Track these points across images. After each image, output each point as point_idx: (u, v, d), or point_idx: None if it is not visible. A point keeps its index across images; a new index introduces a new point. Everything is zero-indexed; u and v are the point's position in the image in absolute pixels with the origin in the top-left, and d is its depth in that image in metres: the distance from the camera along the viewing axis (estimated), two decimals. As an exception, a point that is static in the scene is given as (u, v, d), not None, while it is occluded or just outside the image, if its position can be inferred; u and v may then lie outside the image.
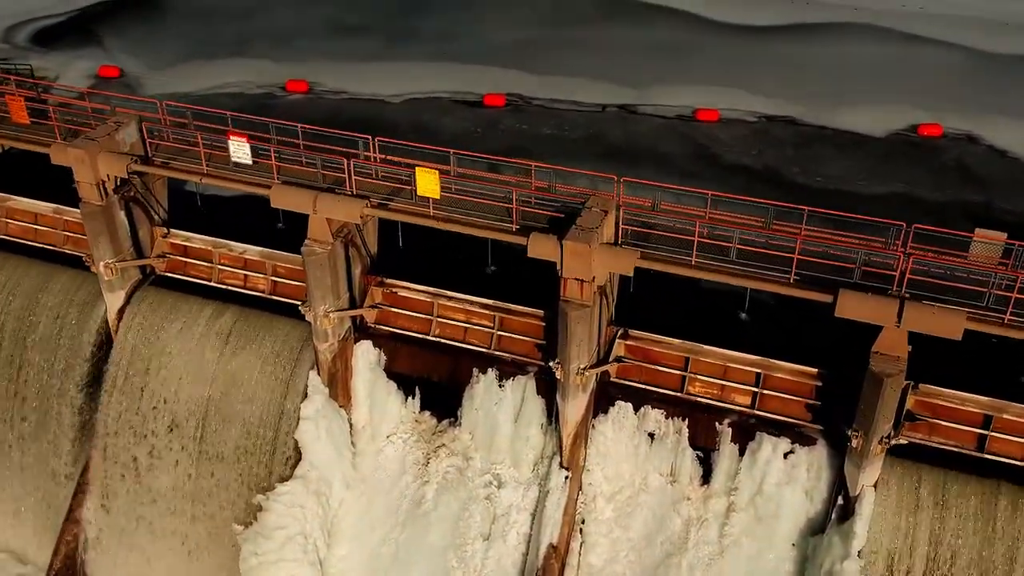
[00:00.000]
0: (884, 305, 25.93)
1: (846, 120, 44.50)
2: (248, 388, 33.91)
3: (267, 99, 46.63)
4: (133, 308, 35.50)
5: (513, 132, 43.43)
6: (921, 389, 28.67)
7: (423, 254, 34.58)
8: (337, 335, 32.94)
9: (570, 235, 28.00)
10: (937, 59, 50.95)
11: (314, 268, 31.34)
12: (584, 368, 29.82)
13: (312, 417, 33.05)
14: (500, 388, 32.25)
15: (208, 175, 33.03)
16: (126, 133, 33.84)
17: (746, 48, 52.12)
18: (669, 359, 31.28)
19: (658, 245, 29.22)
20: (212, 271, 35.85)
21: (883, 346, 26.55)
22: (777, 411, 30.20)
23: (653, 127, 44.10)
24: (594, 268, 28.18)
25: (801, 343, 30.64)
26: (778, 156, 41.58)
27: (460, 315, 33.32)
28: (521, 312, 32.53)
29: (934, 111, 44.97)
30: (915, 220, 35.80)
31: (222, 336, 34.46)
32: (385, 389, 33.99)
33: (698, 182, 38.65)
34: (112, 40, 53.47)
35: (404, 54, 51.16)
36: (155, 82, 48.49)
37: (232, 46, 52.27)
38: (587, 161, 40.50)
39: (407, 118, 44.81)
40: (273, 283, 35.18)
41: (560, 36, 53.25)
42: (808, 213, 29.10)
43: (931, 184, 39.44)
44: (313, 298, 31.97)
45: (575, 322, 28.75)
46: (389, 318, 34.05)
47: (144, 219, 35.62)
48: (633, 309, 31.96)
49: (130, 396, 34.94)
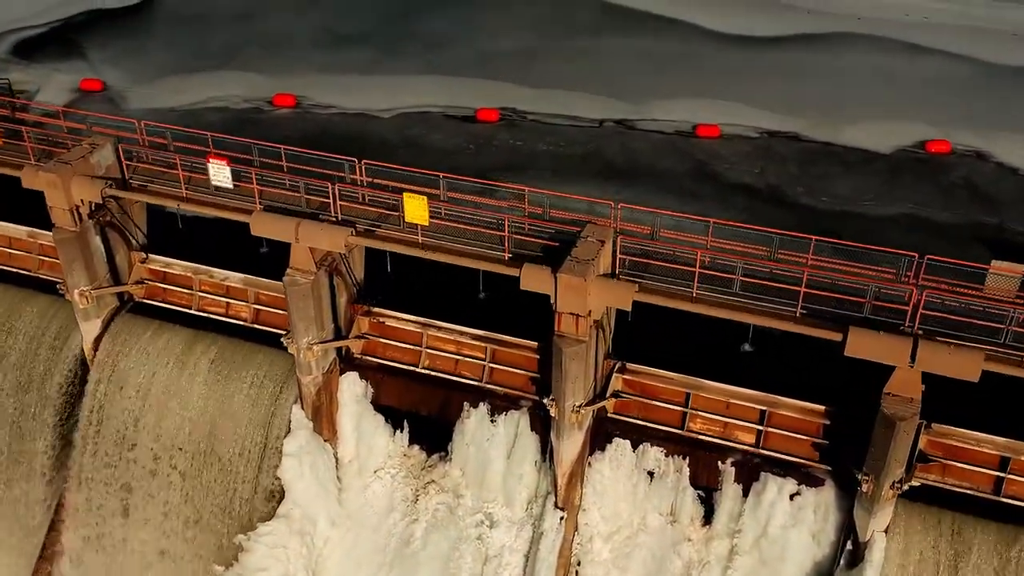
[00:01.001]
0: (896, 344, 24.52)
1: (851, 136, 42.93)
2: (229, 422, 32.50)
3: (253, 114, 45.04)
4: (110, 337, 34.08)
5: (507, 149, 41.88)
6: (935, 429, 27.28)
7: (412, 279, 33.12)
8: (321, 367, 31.50)
9: (565, 267, 26.57)
10: (943, 71, 49.37)
11: (296, 299, 29.90)
12: (580, 406, 28.40)
13: (295, 454, 31.63)
14: (492, 423, 30.87)
15: (187, 200, 31.62)
16: (101, 155, 32.41)
17: (747, 59, 50.53)
18: (669, 394, 29.88)
19: (658, 276, 27.83)
20: (192, 298, 34.43)
21: (895, 387, 25.13)
22: (783, 450, 28.83)
23: (652, 143, 42.52)
24: (590, 302, 26.77)
25: (808, 377, 29.24)
26: (781, 174, 40.02)
27: (451, 346, 31.91)
28: (514, 344, 31.13)
29: (941, 126, 43.43)
30: (925, 242, 34.88)
31: (202, 368, 33.03)
32: (372, 422, 32.59)
33: (698, 202, 37.39)
34: (95, 52, 51.77)
35: (396, 66, 49.56)
36: (138, 96, 46.83)
37: (219, 57, 50.59)
38: (584, 180, 39.02)
39: (397, 134, 43.24)
40: (255, 311, 33.77)
41: (556, 46, 51.63)
42: (816, 243, 27.81)
43: (940, 204, 37.95)
44: (296, 330, 30.53)
45: (570, 359, 27.33)
46: (376, 349, 32.63)
47: (121, 244, 34.17)
48: (631, 340, 30.54)
49: (106, 430, 33.50)
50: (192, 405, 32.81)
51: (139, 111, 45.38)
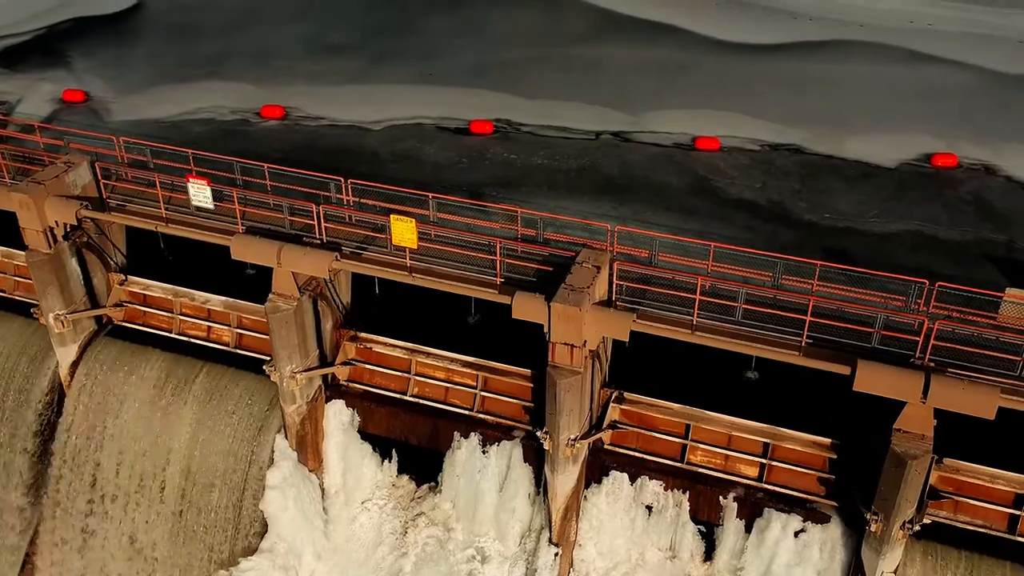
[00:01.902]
0: (908, 379, 23.29)
1: (854, 149, 41.63)
2: (210, 452, 31.25)
3: (240, 126, 43.66)
4: (87, 362, 32.83)
5: (501, 163, 40.54)
6: (946, 464, 26.06)
7: (401, 302, 31.94)
8: (306, 396, 30.25)
9: (559, 296, 25.33)
10: (949, 80, 48.09)
11: (279, 326, 28.65)
12: (575, 439, 27.16)
13: (279, 486, 30.39)
14: (484, 454, 29.65)
15: (166, 221, 30.37)
16: (77, 174, 31.18)
17: (747, 68, 49.26)
18: (668, 425, 28.64)
19: (656, 303, 26.62)
20: (173, 321, 33.15)
21: (906, 423, 23.91)
22: (787, 485, 27.60)
23: (649, 156, 41.19)
24: (586, 332, 25.53)
25: (815, 406, 28.01)
26: (783, 189, 38.72)
27: (440, 373, 30.66)
28: (506, 371, 29.89)
29: (948, 138, 42.17)
30: (932, 262, 33.75)
31: (182, 394, 31.77)
32: (359, 452, 31.39)
33: (698, 219, 36.12)
34: (80, 60, 50.43)
35: (387, 75, 48.28)
36: (122, 107, 45.44)
37: (206, 67, 49.27)
38: (580, 195, 37.72)
39: (388, 147, 41.87)
40: (238, 335, 32.51)
41: (551, 55, 50.34)
42: (821, 268, 26.64)
43: (948, 221, 36.66)
44: (278, 358, 29.27)
45: (565, 391, 26.09)
46: (363, 375, 31.37)
47: (99, 265, 32.91)
48: (629, 367, 29.32)
49: (83, 459, 32.23)
50: (172, 433, 31.57)
51: (123, 122, 44.06)
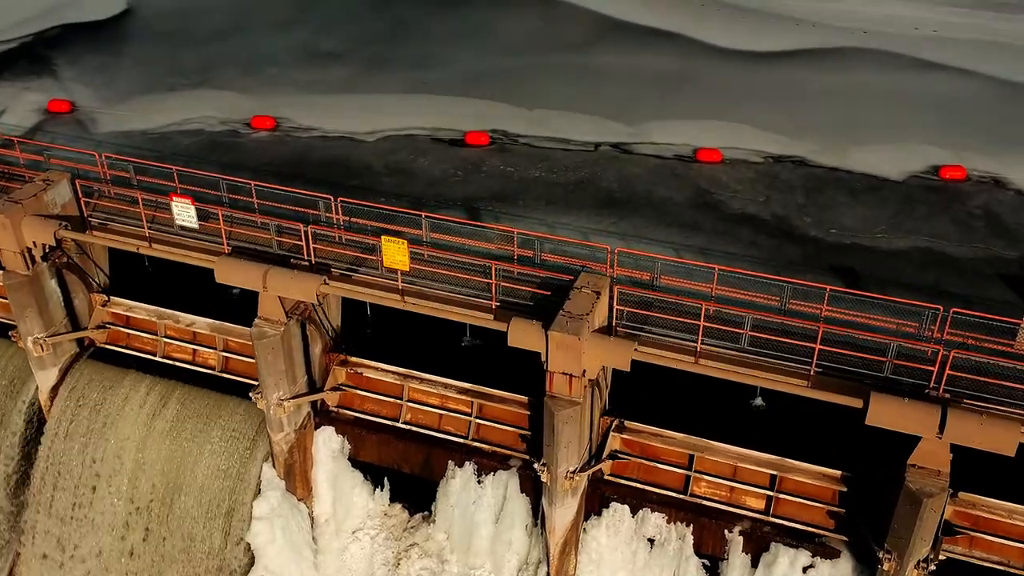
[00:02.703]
0: (923, 413, 22.18)
1: (860, 160, 40.52)
2: (195, 480, 30.11)
3: (230, 137, 42.49)
4: (68, 385, 31.69)
5: (497, 175, 39.41)
6: (961, 498, 24.94)
7: (393, 324, 30.85)
8: (294, 423, 29.11)
9: (557, 324, 24.19)
10: (955, 89, 46.99)
11: (265, 352, 27.50)
12: (574, 471, 26.03)
13: (266, 516, 29.26)
14: (479, 484, 28.53)
15: (149, 241, 29.24)
16: (56, 192, 30.04)
17: (749, 77, 48.14)
18: (671, 455, 27.51)
19: (659, 328, 25.51)
20: (157, 344, 31.99)
21: (921, 458, 22.80)
22: (795, 518, 26.50)
23: (650, 169, 40.08)
24: (585, 361, 24.39)
25: (824, 436, 26.88)
26: (787, 203, 37.61)
27: (434, 399, 29.53)
28: (503, 398, 28.76)
29: (955, 150, 41.06)
30: (941, 280, 32.68)
31: (166, 420, 30.64)
32: (350, 480, 30.25)
33: (700, 235, 35.04)
34: (66, 69, 49.27)
35: (380, 84, 47.14)
36: (109, 117, 44.29)
37: (196, 75, 48.12)
38: (578, 210, 36.63)
39: (382, 159, 40.73)
40: (224, 359, 31.36)
41: (549, 63, 49.20)
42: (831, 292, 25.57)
43: (957, 237, 35.57)
44: (265, 385, 28.13)
45: (563, 422, 24.96)
46: (354, 401, 30.23)
47: (80, 286, 31.77)
48: (629, 394, 28.20)
49: (62, 488, 31.08)
50: (155, 461, 30.42)
51: (109, 134, 42.92)
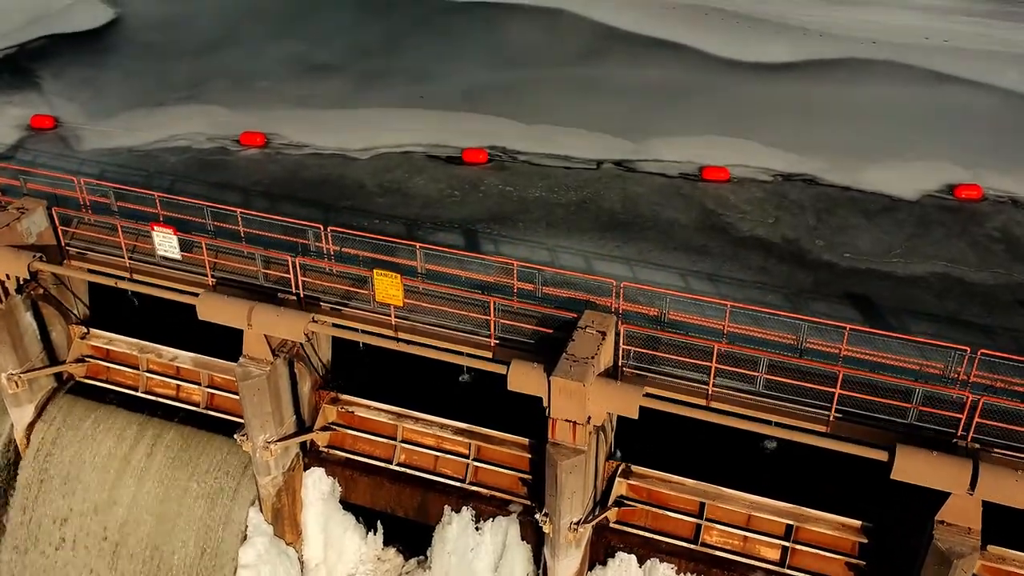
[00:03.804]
0: (953, 468, 20.67)
1: (872, 179, 39.05)
2: (178, 525, 28.60)
3: (219, 155, 40.98)
4: (45, 423, 30.18)
5: (496, 195, 37.91)
6: (989, 551, 23.39)
7: (386, 358, 29.16)
8: (281, 466, 27.60)
9: (560, 369, 22.67)
10: (969, 102, 45.54)
11: (250, 393, 25.98)
12: (578, 522, 24.52)
13: (253, 564, 27.80)
14: (477, 530, 27.03)
15: (129, 271, 27.77)
16: (31, 221, 28.53)
17: (756, 89, 46.64)
18: (680, 502, 26.01)
19: (668, 368, 24.05)
20: (139, 378, 30.47)
21: (951, 514, 21.31)
22: (812, 570, 25.03)
23: (655, 188, 38.58)
24: (590, 408, 22.88)
25: (843, 481, 25.39)
26: (798, 225, 36.15)
27: (429, 440, 28.02)
28: (502, 440, 27.25)
29: (971, 167, 39.63)
30: (961, 309, 31.23)
31: (148, 460, 29.13)
32: (341, 523, 28.77)
33: (708, 260, 33.59)
34: (50, 82, 47.73)
35: (375, 98, 45.61)
36: (93, 134, 42.74)
37: (184, 89, 46.60)
38: (581, 233, 35.17)
39: (376, 178, 39.23)
40: (209, 395, 29.85)
41: (549, 76, 47.69)
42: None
43: (976, 261, 34.12)
44: (251, 427, 26.63)
45: (567, 472, 23.44)
46: (345, 441, 28.72)
47: (57, 318, 30.23)
48: (636, 434, 26.67)
49: (38, 530, 29.56)
50: (136, 503, 28.91)
51: (93, 151, 41.38)
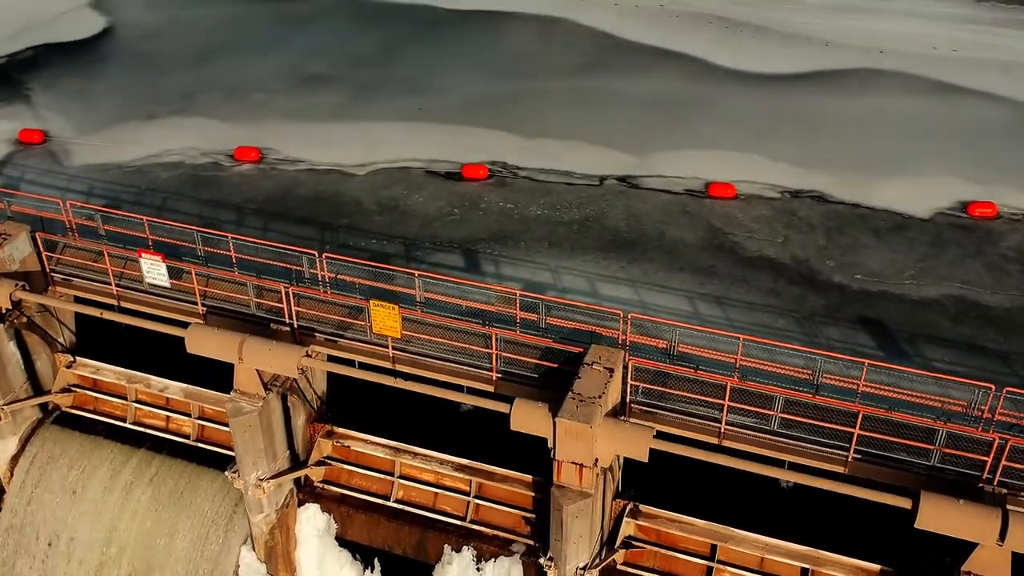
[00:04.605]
0: (982, 518, 19.62)
1: (883, 196, 38.04)
2: (167, 564, 27.49)
3: (211, 171, 39.90)
4: (29, 455, 29.10)
5: (496, 213, 36.88)
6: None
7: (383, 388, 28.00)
8: (275, 503, 26.53)
9: (566, 409, 21.60)
10: (980, 115, 44.53)
11: (242, 430, 24.90)
12: (585, 567, 23.45)
13: (244, 606, 26.71)
14: (478, 571, 26.00)
15: (117, 298, 26.70)
16: (14, 247, 27.45)
17: (761, 101, 45.58)
18: (691, 544, 24.91)
19: (678, 405, 23.01)
20: (127, 409, 29.37)
21: (978, 566, 20.26)
22: (829, 616, 23.98)
23: (659, 205, 37.57)
24: (597, 450, 21.81)
25: (861, 522, 24.34)
26: (808, 245, 35.14)
27: (428, 476, 26.92)
28: (504, 476, 26.15)
29: (983, 183, 38.62)
30: (978, 334, 30.21)
31: (137, 495, 28.05)
32: (337, 560, 27.67)
33: (716, 281, 32.60)
34: (40, 94, 46.61)
35: (372, 111, 44.55)
36: (83, 149, 41.62)
37: (177, 101, 45.51)
38: (584, 253, 34.18)
39: (373, 195, 38.19)
40: (200, 427, 28.74)
41: (550, 88, 46.64)
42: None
43: (991, 283, 33.12)
44: (242, 464, 25.54)
45: (572, 516, 22.37)
46: (341, 475, 27.62)
47: (42, 346, 29.14)
48: (645, 474, 25.56)
49: (23, 567, 28.45)
50: (124, 541, 27.81)
51: (83, 167, 40.31)
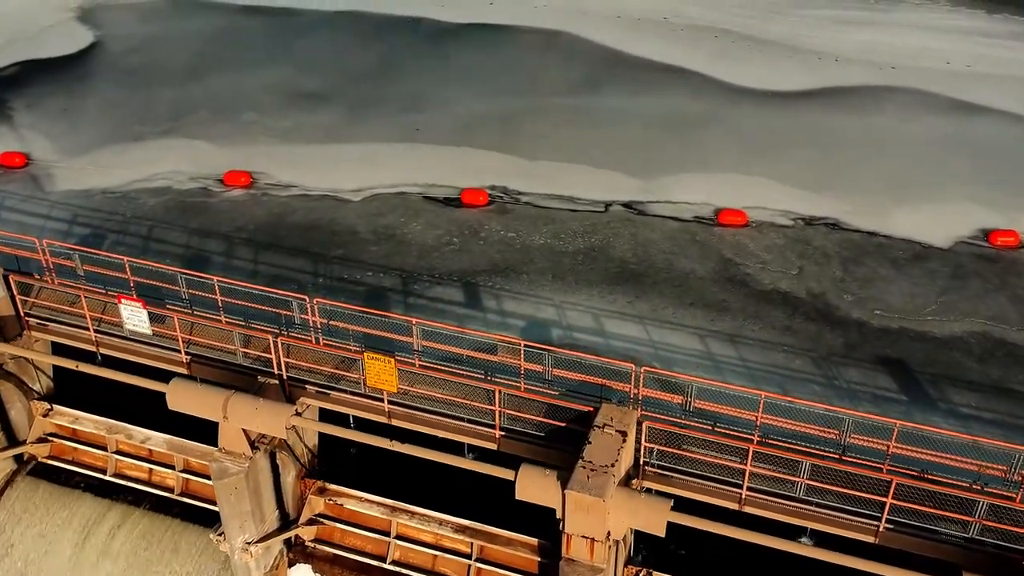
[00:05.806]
0: (1030, 604, 18.09)
1: (900, 223, 36.53)
2: (149, 628, 25.89)
3: (200, 196, 38.30)
4: (4, 508, 27.40)
5: (497, 242, 35.33)
6: None
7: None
8: (263, 566, 24.89)
9: (576, 480, 19.95)
10: (997, 135, 42.97)
11: (227, 492, 23.23)
12: (595, 645, 21.84)
13: (231, 676, 25.07)
14: (481, 640, 24.35)
15: (96, 346, 25.07)
16: (-15, 292, 25.81)
17: (771, 121, 43.98)
18: (707, 615, 23.39)
19: (695, 468, 21.44)
20: (108, 460, 27.71)
21: (1024, 654, 18.71)
22: None
23: (668, 234, 36.01)
24: (609, 523, 20.20)
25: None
26: (823, 277, 33.61)
27: (427, 536, 25.26)
28: (508, 539, 24.50)
29: (1004, 209, 37.11)
30: (1008, 376, 28.74)
31: (116, 551, 26.38)
32: (330, 623, 25.99)
33: (729, 318, 31.17)
34: (23, 114, 44.98)
35: (367, 131, 42.95)
36: (67, 173, 39.99)
37: (165, 121, 43.86)
38: (589, 286, 32.73)
39: (368, 223, 36.64)
40: (184, 480, 27.08)
41: (551, 106, 44.96)
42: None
43: (1018, 319, 31.62)
44: (228, 527, 23.89)
45: (583, 594, 20.78)
46: (334, 535, 25.95)
47: (17, 394, 27.47)
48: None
49: (-3, 632, 26.90)
50: (103, 604, 26.19)
51: (66, 193, 38.78)
